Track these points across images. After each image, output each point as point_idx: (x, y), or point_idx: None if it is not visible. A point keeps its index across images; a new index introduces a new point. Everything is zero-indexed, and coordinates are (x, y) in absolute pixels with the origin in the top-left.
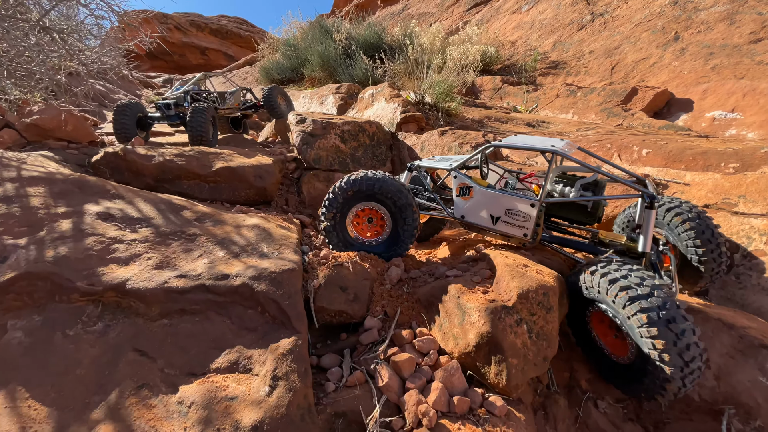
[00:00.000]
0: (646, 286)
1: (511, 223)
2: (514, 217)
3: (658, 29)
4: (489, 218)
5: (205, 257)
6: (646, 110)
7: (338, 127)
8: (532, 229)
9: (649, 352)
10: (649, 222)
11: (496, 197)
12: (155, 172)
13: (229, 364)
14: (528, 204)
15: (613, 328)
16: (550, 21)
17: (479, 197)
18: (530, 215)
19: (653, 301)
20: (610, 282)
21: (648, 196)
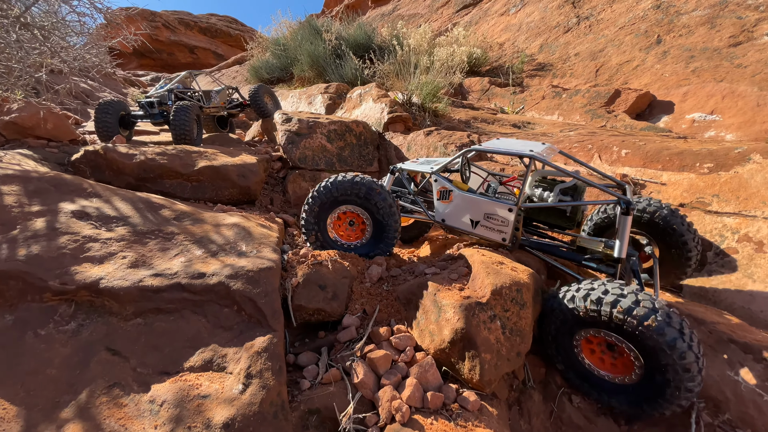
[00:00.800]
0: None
1: (490, 228)
2: (493, 221)
3: (641, 32)
4: (469, 222)
5: (182, 256)
6: (628, 112)
7: (325, 126)
8: (510, 234)
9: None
10: (625, 227)
11: (475, 201)
12: (136, 171)
13: (203, 363)
14: (506, 209)
15: (605, 348)
16: (537, 23)
17: (459, 201)
18: (508, 220)
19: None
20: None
21: (624, 202)
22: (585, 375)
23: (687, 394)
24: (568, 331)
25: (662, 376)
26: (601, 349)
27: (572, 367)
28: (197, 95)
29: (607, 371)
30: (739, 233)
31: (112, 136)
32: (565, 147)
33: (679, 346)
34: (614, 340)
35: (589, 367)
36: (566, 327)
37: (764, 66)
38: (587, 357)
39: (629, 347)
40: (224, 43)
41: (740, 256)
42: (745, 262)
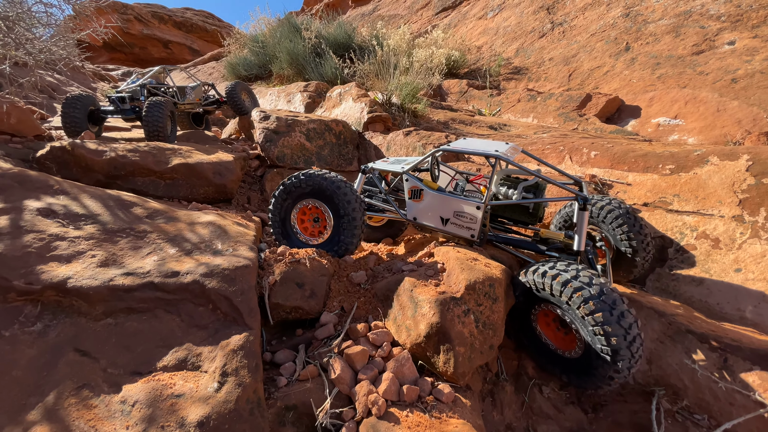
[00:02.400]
0: (596, 286)
1: (459, 225)
2: (462, 218)
3: (611, 39)
4: (439, 220)
5: (154, 255)
6: (599, 115)
7: (303, 125)
8: (478, 230)
9: (601, 347)
10: (583, 222)
11: (444, 200)
12: (106, 168)
13: (177, 362)
14: (474, 207)
15: (559, 325)
16: (513, 28)
17: (429, 200)
18: (476, 217)
19: (605, 300)
20: (563, 284)
21: (581, 198)
22: (541, 349)
23: (615, 373)
24: (526, 304)
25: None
26: (556, 325)
27: (532, 341)
28: (171, 91)
29: (558, 345)
30: (698, 231)
31: (80, 132)
32: (538, 148)
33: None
34: (560, 313)
35: (545, 340)
36: (524, 300)
37: (724, 73)
38: (543, 330)
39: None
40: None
41: (698, 253)
42: (703, 258)
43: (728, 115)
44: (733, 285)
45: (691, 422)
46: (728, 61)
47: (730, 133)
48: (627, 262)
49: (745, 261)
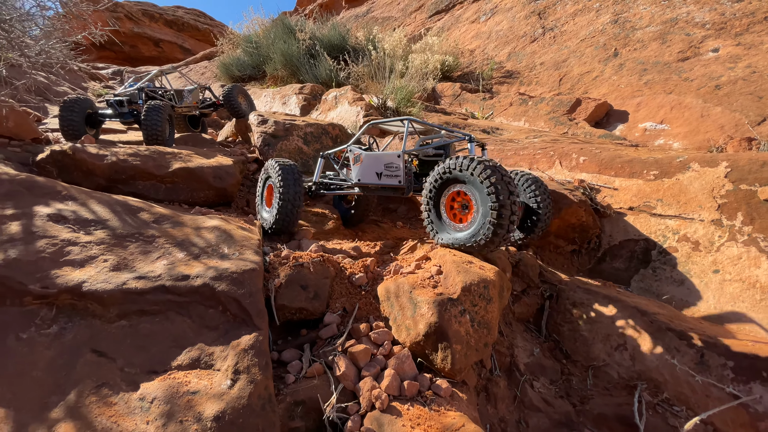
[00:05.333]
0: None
1: (389, 175)
2: (390, 169)
3: (600, 45)
4: (375, 175)
5: (164, 259)
6: (588, 120)
7: (301, 129)
8: (403, 177)
9: (491, 205)
10: (472, 152)
11: (376, 157)
12: (108, 172)
13: (191, 361)
14: (395, 156)
15: (459, 206)
16: (505, 32)
17: (366, 160)
18: (399, 165)
19: (498, 169)
20: (471, 160)
21: (467, 135)
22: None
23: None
24: (440, 189)
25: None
26: (457, 206)
27: (439, 216)
28: (169, 94)
29: (457, 222)
30: (679, 234)
31: (78, 136)
32: (529, 153)
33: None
34: (460, 189)
35: (445, 217)
36: (438, 185)
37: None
38: (446, 210)
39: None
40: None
41: (679, 255)
42: (684, 260)
43: (711, 120)
44: (710, 285)
45: (670, 413)
46: (712, 67)
47: (713, 138)
48: (534, 214)
49: (722, 263)
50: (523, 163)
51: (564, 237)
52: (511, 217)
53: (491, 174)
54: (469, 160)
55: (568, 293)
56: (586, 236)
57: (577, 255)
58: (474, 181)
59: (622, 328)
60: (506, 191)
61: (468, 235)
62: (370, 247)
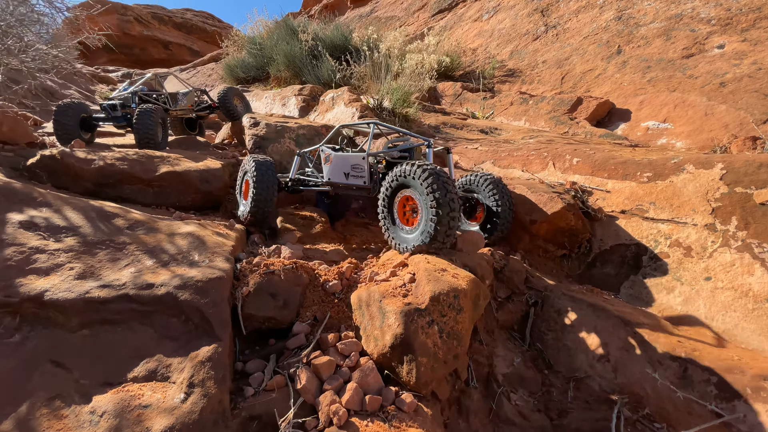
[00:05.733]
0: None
1: (355, 176)
2: (356, 170)
3: (603, 42)
4: (343, 175)
5: (132, 266)
6: (589, 119)
7: (293, 131)
8: (368, 178)
9: (430, 204)
10: (430, 157)
11: (344, 157)
12: (95, 177)
13: (147, 373)
14: (361, 157)
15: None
16: (508, 30)
17: (335, 160)
18: (364, 166)
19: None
20: (416, 165)
21: (428, 141)
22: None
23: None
24: (392, 195)
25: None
26: (408, 210)
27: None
28: (163, 98)
29: (408, 225)
30: (671, 239)
31: (72, 140)
32: (523, 154)
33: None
34: (409, 195)
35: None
36: (390, 192)
37: (713, 77)
38: (398, 215)
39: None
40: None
41: (671, 260)
42: (675, 266)
43: (716, 119)
44: (702, 293)
45: (650, 430)
46: (717, 64)
47: (717, 138)
48: (495, 220)
49: (715, 269)
50: (517, 164)
51: (553, 241)
52: (449, 214)
53: (428, 177)
54: (412, 165)
55: (553, 300)
56: (576, 240)
57: (567, 260)
58: (417, 185)
59: (605, 338)
60: (443, 191)
61: (415, 236)
62: (354, 251)
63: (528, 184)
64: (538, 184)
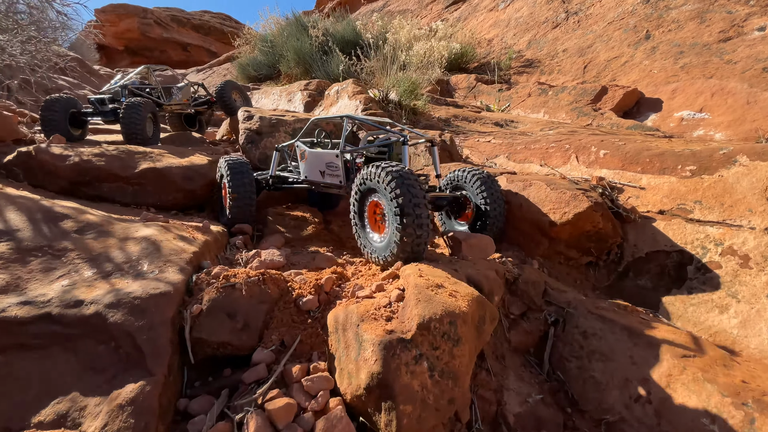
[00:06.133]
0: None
1: (331, 174)
2: (331, 168)
3: (630, 28)
4: (319, 173)
5: (66, 278)
6: (615, 110)
7: (289, 124)
8: (343, 177)
9: (394, 211)
10: (405, 154)
11: (318, 155)
12: (70, 174)
13: (56, 417)
14: (334, 155)
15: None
16: (525, 19)
17: (310, 158)
18: (338, 164)
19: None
20: (380, 168)
21: (402, 137)
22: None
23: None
24: (361, 199)
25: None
26: (378, 216)
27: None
28: (156, 91)
29: (378, 233)
30: (723, 245)
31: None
32: (542, 147)
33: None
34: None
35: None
36: (359, 196)
37: (754, 62)
38: (369, 221)
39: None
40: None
41: (723, 272)
42: (729, 279)
43: (759, 107)
44: (765, 314)
45: None
46: (758, 48)
47: (762, 128)
48: (484, 215)
49: None
50: (534, 158)
51: (577, 247)
52: (416, 221)
53: (392, 181)
54: (377, 167)
55: (577, 320)
56: (605, 246)
57: (594, 268)
58: (381, 190)
59: (645, 372)
60: (408, 197)
61: (383, 245)
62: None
63: (547, 179)
64: (559, 179)
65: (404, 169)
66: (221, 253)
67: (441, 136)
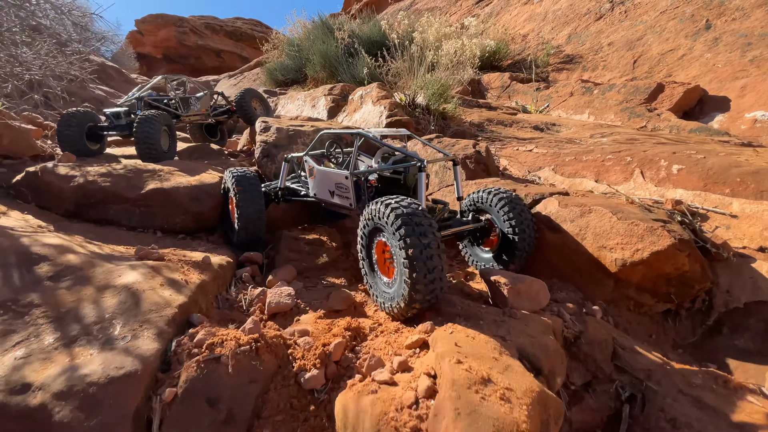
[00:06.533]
0: (408, 206)
1: (341, 195)
2: (341, 189)
3: (687, 17)
4: (328, 193)
5: (22, 346)
6: (673, 110)
7: (307, 135)
8: (353, 199)
9: (404, 261)
10: (421, 183)
11: (327, 174)
12: (75, 197)
13: None
14: (344, 176)
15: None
16: (564, 11)
17: (319, 175)
18: (348, 185)
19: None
20: (386, 206)
21: (419, 160)
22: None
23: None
24: (369, 237)
25: None
26: (387, 257)
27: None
28: (174, 103)
29: (387, 276)
30: None
31: (80, 153)
32: (596, 158)
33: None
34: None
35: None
36: (367, 233)
37: None
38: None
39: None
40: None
41: None
42: None
43: None
44: None
45: None
46: None
47: None
48: (510, 244)
49: None
50: (587, 172)
51: (652, 291)
52: (427, 277)
53: (402, 226)
54: (383, 205)
55: (663, 400)
56: (689, 292)
57: (674, 319)
58: (389, 231)
59: None
60: (419, 247)
61: (392, 293)
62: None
63: (611, 205)
64: (625, 204)
65: (415, 209)
66: (223, 292)
67: (475, 147)
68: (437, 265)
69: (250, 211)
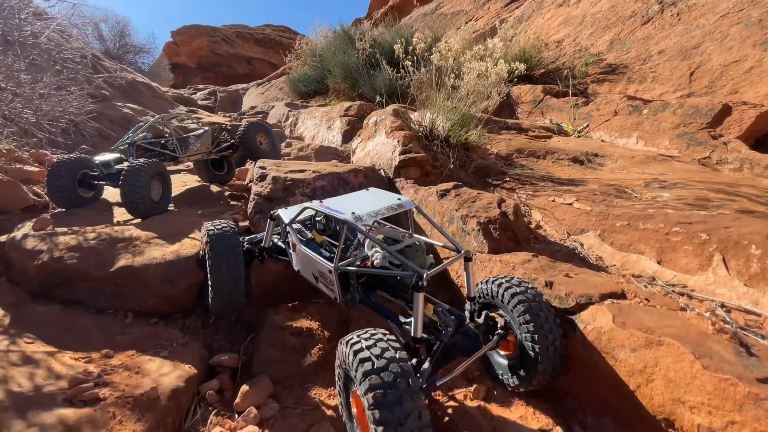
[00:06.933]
0: (384, 359)
1: (325, 285)
2: (325, 279)
3: (754, 22)
4: (312, 276)
5: None
6: (743, 137)
7: (308, 184)
8: (339, 294)
9: None
10: (418, 305)
11: (308, 257)
12: (38, 276)
13: None
14: (327, 269)
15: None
16: (605, 14)
17: (301, 254)
18: (332, 279)
19: (385, 377)
20: (354, 353)
21: (417, 276)
22: None
23: None
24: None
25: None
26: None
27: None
28: (172, 144)
29: None
30: None
31: (71, 203)
32: (657, 227)
33: None
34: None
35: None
36: (343, 380)
37: None
38: (357, 416)
39: None
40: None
41: None
42: None
43: None
44: None
45: None
46: None
47: None
48: (530, 362)
49: None
50: (646, 247)
51: None
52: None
53: (369, 387)
54: (351, 351)
55: None
56: None
57: None
58: (359, 388)
59: None
60: (391, 421)
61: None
62: None
63: (691, 338)
64: (712, 338)
65: (390, 358)
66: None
67: (500, 206)
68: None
69: (223, 280)
